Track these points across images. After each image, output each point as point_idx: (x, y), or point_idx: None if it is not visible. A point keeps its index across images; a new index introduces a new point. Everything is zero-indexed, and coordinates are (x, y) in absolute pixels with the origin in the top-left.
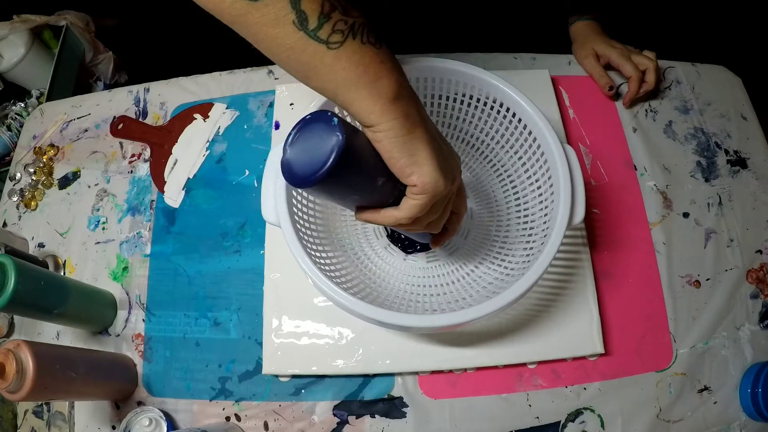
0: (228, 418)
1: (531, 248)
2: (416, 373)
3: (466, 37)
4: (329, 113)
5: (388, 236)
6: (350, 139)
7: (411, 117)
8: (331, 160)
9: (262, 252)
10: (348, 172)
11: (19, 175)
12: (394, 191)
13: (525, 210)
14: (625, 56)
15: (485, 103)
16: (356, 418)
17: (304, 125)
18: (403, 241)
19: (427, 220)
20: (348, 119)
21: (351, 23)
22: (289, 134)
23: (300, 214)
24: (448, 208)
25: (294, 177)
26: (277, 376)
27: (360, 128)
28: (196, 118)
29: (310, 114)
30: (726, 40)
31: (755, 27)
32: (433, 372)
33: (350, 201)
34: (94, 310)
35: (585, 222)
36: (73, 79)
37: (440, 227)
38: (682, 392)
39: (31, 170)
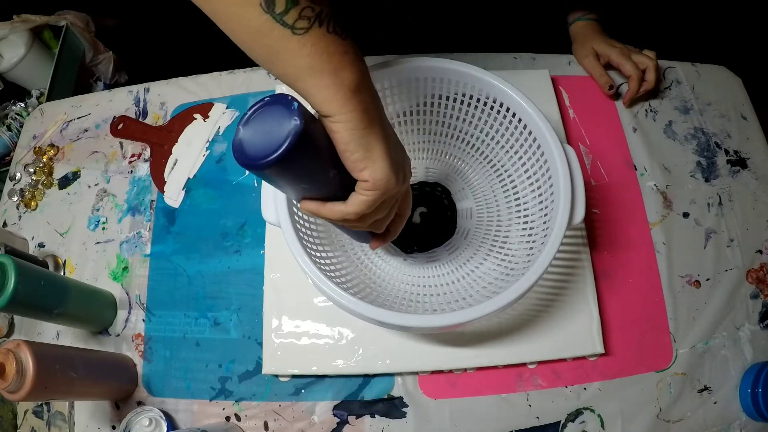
0: (228, 418)
1: (531, 248)
2: (416, 373)
3: (466, 37)
4: (289, 97)
5: None
6: (308, 126)
7: (370, 112)
8: (286, 144)
9: (262, 252)
10: (301, 159)
11: (19, 175)
12: (344, 186)
13: (525, 210)
14: (625, 55)
15: (485, 103)
16: (356, 418)
17: (262, 106)
18: (402, 240)
19: (372, 218)
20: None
21: (318, 11)
22: (245, 113)
23: (300, 214)
24: (394, 208)
25: (245, 157)
26: (277, 376)
27: (318, 117)
28: (196, 118)
29: (269, 96)
30: (726, 40)
31: (755, 27)
32: (433, 372)
33: (298, 190)
34: (94, 310)
35: (585, 222)
36: (73, 79)
37: (383, 227)
38: (682, 392)
39: (31, 170)
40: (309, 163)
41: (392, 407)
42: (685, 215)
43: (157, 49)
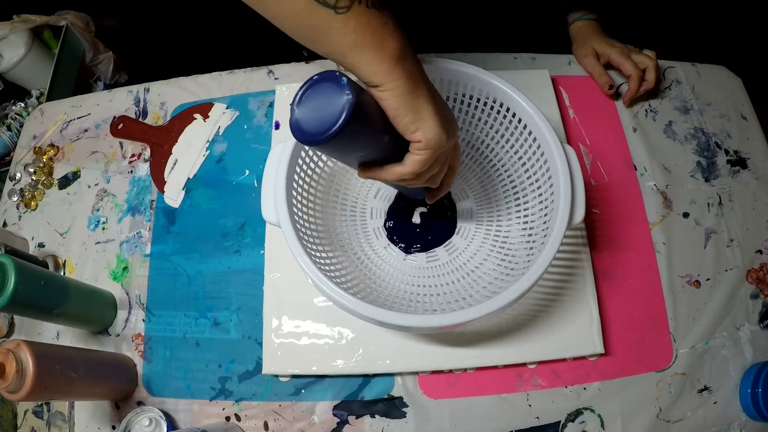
0: (228, 418)
1: (531, 248)
2: (416, 373)
3: (466, 37)
4: (337, 73)
5: (387, 236)
6: (359, 98)
7: (414, 76)
8: (342, 118)
9: (262, 252)
10: (357, 130)
11: (19, 175)
12: (398, 148)
13: (525, 210)
14: (625, 55)
15: (485, 103)
16: (356, 418)
17: (312, 84)
18: (402, 240)
19: (428, 174)
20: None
21: None
22: (297, 94)
23: (300, 214)
24: (446, 163)
25: (305, 135)
26: (277, 376)
27: (365, 88)
28: (196, 118)
29: (317, 74)
30: (726, 40)
31: (755, 27)
32: (433, 372)
33: (356, 157)
34: (94, 310)
35: (585, 222)
36: (73, 79)
37: (438, 181)
38: (682, 392)
39: (31, 170)
40: (364, 132)
41: (392, 407)
42: (685, 215)
43: (157, 49)
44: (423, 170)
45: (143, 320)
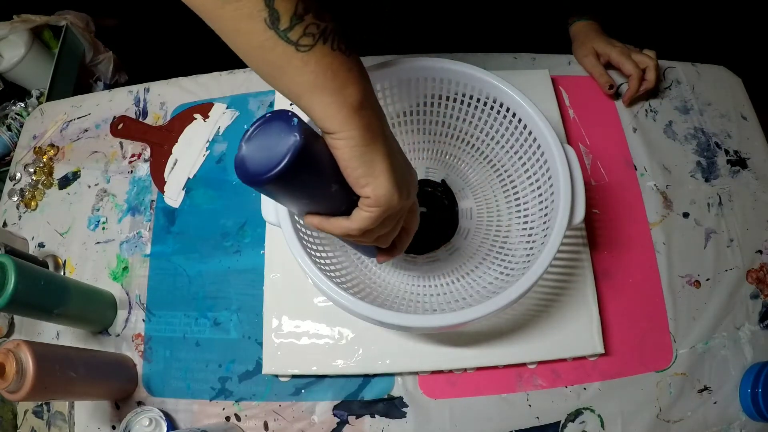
0: (228, 418)
1: (531, 248)
2: (416, 373)
3: (466, 37)
4: (290, 113)
5: None
6: (308, 142)
7: (372, 128)
8: (285, 160)
9: (262, 252)
10: (302, 175)
11: (19, 175)
12: (347, 201)
13: (525, 210)
14: (625, 54)
15: (485, 103)
16: (356, 418)
17: (264, 123)
18: None
19: (377, 233)
20: (309, 122)
21: (323, 27)
22: (247, 130)
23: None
24: (399, 223)
25: (246, 174)
26: (277, 376)
27: (320, 133)
28: (196, 118)
29: (270, 112)
30: (726, 40)
31: (755, 27)
32: (433, 372)
33: (301, 205)
34: (94, 310)
35: (585, 222)
36: (73, 79)
37: (389, 242)
38: (682, 392)
39: (31, 170)
40: (310, 178)
41: (392, 407)
42: (685, 215)
43: (157, 49)
44: (371, 228)
45: (143, 320)
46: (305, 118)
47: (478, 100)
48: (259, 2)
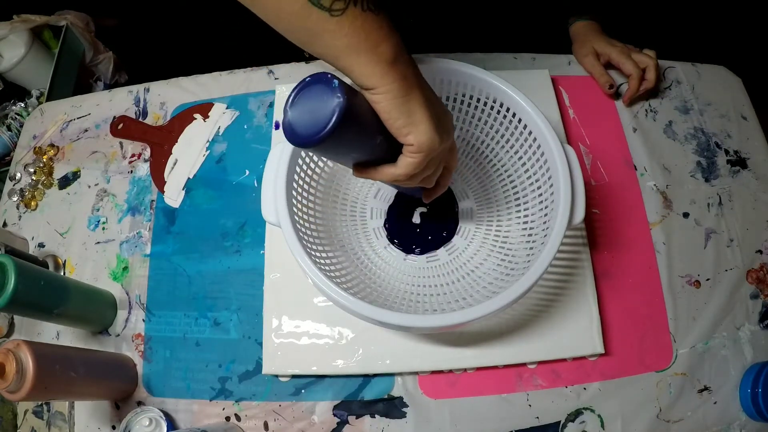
0: (228, 418)
1: (531, 248)
2: (416, 373)
3: (466, 37)
4: (329, 75)
5: (387, 236)
6: (350, 101)
7: (408, 79)
8: (333, 120)
9: (262, 252)
10: (348, 132)
11: (19, 175)
12: (391, 149)
13: (525, 210)
14: (625, 54)
15: (485, 103)
16: (356, 418)
17: (305, 86)
18: (402, 241)
19: (422, 176)
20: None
21: None
22: (290, 95)
23: (300, 214)
24: (441, 164)
25: (297, 137)
26: (277, 376)
27: (358, 90)
28: (196, 118)
29: (309, 76)
30: (726, 40)
31: (755, 27)
32: (433, 372)
33: (350, 158)
34: (94, 310)
35: (585, 222)
36: (73, 79)
37: (433, 182)
38: (682, 392)
39: (31, 170)
40: (356, 134)
41: (392, 407)
42: (685, 215)
43: (157, 49)
44: (416, 172)
45: (143, 320)
46: (343, 78)
47: (479, 100)
48: None
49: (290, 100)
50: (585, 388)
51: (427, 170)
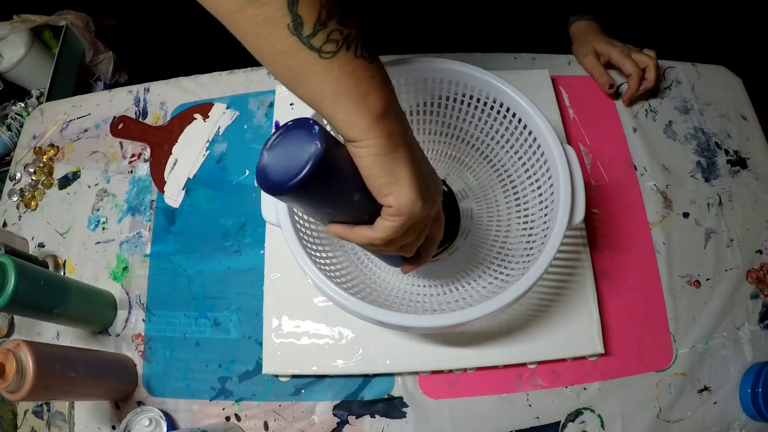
0: (228, 418)
1: (531, 248)
2: (416, 373)
3: (466, 37)
4: (311, 121)
5: None
6: (329, 150)
7: (395, 136)
8: (306, 168)
9: (262, 252)
10: (323, 183)
11: (19, 175)
12: (370, 209)
13: (525, 210)
14: (625, 54)
15: (485, 103)
16: (356, 418)
17: (285, 131)
18: None
19: (400, 243)
20: (330, 130)
21: (346, 34)
22: (269, 139)
23: (300, 214)
24: (423, 232)
25: (267, 183)
26: (277, 376)
27: (342, 141)
28: (196, 118)
29: (291, 120)
30: (726, 40)
31: (755, 27)
32: (433, 372)
33: (324, 214)
34: (94, 310)
35: (585, 222)
36: (73, 79)
37: (413, 251)
38: (682, 392)
39: (31, 170)
40: (332, 187)
41: (392, 407)
42: (685, 215)
43: (157, 49)
44: (394, 237)
45: (143, 320)
46: (326, 126)
47: (479, 101)
48: (282, 7)
49: (269, 143)
50: (585, 388)
51: (407, 237)
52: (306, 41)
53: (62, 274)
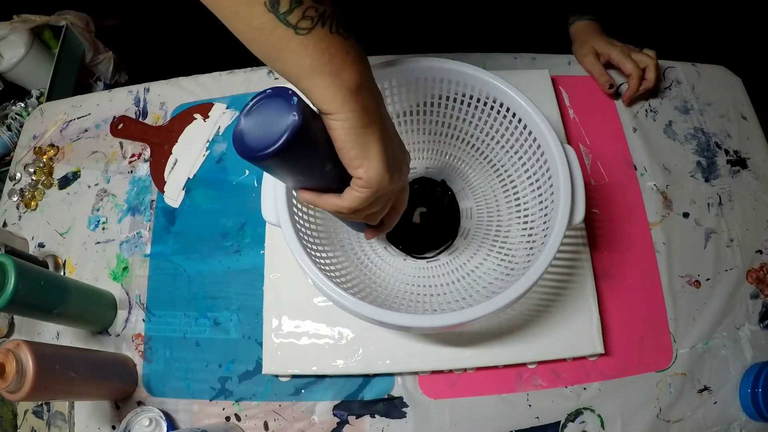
0: (228, 418)
1: (531, 248)
2: (416, 373)
3: (466, 37)
4: (290, 91)
5: (387, 237)
6: (306, 121)
7: (369, 111)
8: (284, 138)
9: (262, 252)
10: (298, 153)
11: (19, 175)
12: (340, 179)
13: (525, 210)
14: (625, 54)
15: (485, 103)
16: (356, 418)
17: (264, 99)
18: (402, 241)
19: (366, 212)
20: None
21: (321, 11)
22: (246, 104)
23: (300, 214)
24: (389, 203)
25: (244, 148)
26: (277, 376)
27: (317, 112)
28: (196, 118)
29: (270, 88)
30: (726, 40)
31: (755, 27)
32: (433, 372)
33: (295, 180)
34: (94, 310)
35: (585, 222)
36: (73, 79)
37: (378, 220)
38: (682, 392)
39: (31, 170)
40: (306, 156)
41: (392, 407)
42: (685, 215)
43: (157, 49)
44: (360, 207)
45: (143, 320)
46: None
47: (478, 100)
48: None
49: (246, 108)
50: (585, 388)
51: (373, 207)
52: (282, 18)
53: (62, 274)
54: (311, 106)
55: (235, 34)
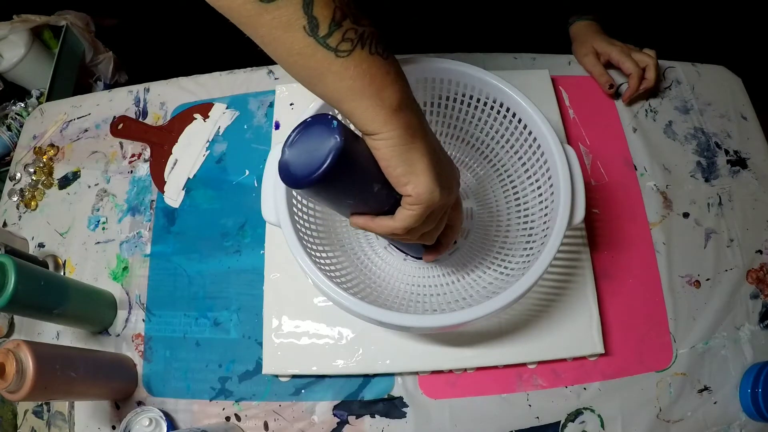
0: (228, 418)
1: (531, 248)
2: (416, 373)
3: (466, 37)
4: (329, 116)
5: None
6: (348, 143)
7: (412, 128)
8: (327, 162)
9: (262, 252)
10: (344, 176)
11: (19, 175)
12: (390, 200)
13: (525, 210)
14: (625, 53)
15: (485, 103)
16: (356, 418)
17: (305, 127)
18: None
19: (421, 231)
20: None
21: (361, 32)
22: (289, 136)
23: (300, 214)
24: (443, 220)
25: (290, 177)
26: (277, 376)
27: (360, 135)
28: (196, 118)
29: (310, 116)
30: (726, 40)
31: (755, 27)
32: (433, 372)
33: (345, 206)
34: (94, 310)
35: (585, 222)
36: (73, 79)
37: (434, 239)
38: (682, 392)
39: (31, 170)
40: (352, 179)
41: (392, 407)
42: (685, 215)
43: (157, 49)
44: (414, 226)
45: (143, 320)
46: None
47: (479, 101)
48: (297, 10)
49: (290, 140)
50: (585, 388)
51: (427, 225)
52: (322, 41)
53: (62, 274)
54: (352, 128)
55: (275, 59)
